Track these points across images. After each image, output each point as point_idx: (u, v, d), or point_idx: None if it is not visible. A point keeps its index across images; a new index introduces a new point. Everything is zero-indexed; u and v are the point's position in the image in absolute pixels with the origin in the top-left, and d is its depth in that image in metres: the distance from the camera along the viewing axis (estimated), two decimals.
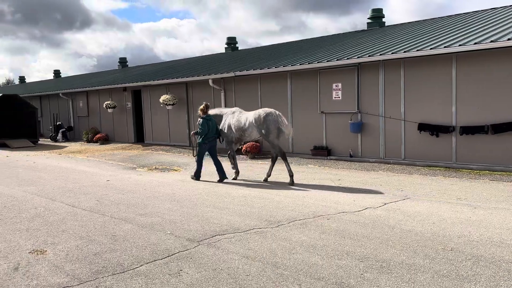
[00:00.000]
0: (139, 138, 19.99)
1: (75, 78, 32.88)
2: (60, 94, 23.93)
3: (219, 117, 10.35)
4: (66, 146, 20.13)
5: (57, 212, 7.07)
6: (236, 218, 6.54)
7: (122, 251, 5.06)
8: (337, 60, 12.13)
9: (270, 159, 10.01)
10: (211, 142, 10.26)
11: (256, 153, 13.85)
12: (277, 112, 9.60)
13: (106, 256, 4.92)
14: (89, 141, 21.15)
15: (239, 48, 25.06)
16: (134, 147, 18.30)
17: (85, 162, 14.00)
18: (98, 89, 21.42)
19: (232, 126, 10.15)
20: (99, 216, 6.74)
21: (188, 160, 14.12)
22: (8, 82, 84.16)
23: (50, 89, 27.31)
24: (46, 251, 5.13)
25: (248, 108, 15.00)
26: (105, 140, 20.54)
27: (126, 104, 20.16)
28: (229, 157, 10.44)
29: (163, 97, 16.93)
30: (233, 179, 10.09)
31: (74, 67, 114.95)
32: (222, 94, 15.57)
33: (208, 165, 11.49)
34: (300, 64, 12.92)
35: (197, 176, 10.27)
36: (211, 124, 10.19)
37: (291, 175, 9.40)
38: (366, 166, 11.49)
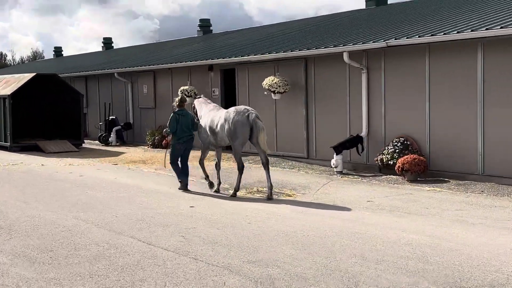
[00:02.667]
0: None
1: (135, 50, 35.17)
2: (115, 74, 25.78)
3: (204, 112, 13.03)
4: (123, 153, 21.57)
5: (127, 251, 7.62)
6: (404, 278, 6.47)
7: None
8: None
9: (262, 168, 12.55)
10: (186, 143, 12.86)
11: (420, 172, 13.59)
12: (253, 113, 11.93)
13: None
14: (155, 145, 22.40)
15: (388, 3, 24.88)
16: (223, 157, 18.80)
17: (154, 177, 14.87)
18: (170, 67, 22.69)
19: (207, 127, 12.66)
20: (190, 261, 7.11)
21: (308, 179, 14.30)
22: (35, 56, 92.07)
23: (99, 66, 29.54)
24: None
25: (405, 100, 14.80)
26: None
27: (212, 91, 21.02)
28: (200, 164, 13.19)
29: (268, 81, 17.37)
30: (215, 191, 12.78)
31: (127, 33, 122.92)
32: (364, 75, 15.54)
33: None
34: (501, 28, 12.42)
35: (183, 185, 12.83)
36: (184, 121, 12.67)
37: (236, 190, 12.25)
38: None
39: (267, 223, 9.32)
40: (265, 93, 17.63)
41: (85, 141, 24.97)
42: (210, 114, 12.86)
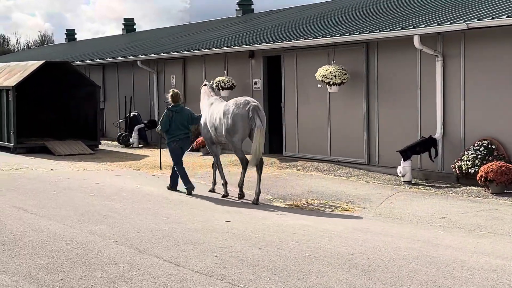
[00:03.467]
0: (274, 145, 20.77)
1: (162, 34, 35.54)
2: (138, 62, 26.15)
3: (205, 105, 14.49)
4: (147, 156, 21.81)
5: (152, 273, 7.69)
6: None
7: None
8: None
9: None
10: (182, 141, 14.18)
11: (507, 183, 13.42)
12: (254, 104, 13.09)
13: None
14: None
15: None
16: (265, 162, 18.84)
17: (182, 186, 14.98)
18: (203, 54, 22.89)
19: (208, 122, 14.05)
20: (226, 287, 7.16)
21: (368, 190, 14.25)
22: (44, 40, 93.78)
23: (119, 53, 29.92)
24: None
25: (490, 94, 14.64)
26: None
27: (254, 83, 21.15)
28: (212, 167, 14.61)
29: (323, 71, 17.36)
30: (210, 190, 14.34)
31: (151, 13, 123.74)
32: (439, 63, 15.43)
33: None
34: None
35: (172, 183, 14.44)
36: (179, 118, 14.00)
37: (240, 186, 13.49)
38: None
39: (319, 243, 9.28)
40: (319, 85, 17.64)
41: (101, 141, 25.35)
42: (211, 108, 14.14)
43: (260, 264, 8.08)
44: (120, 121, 27.10)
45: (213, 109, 13.98)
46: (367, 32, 16.77)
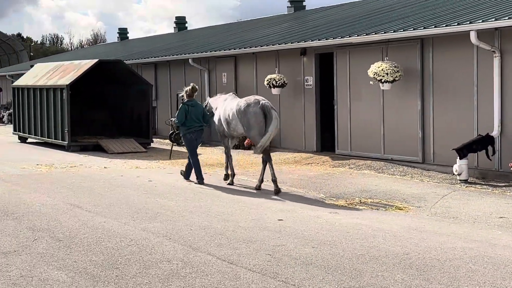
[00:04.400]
0: (326, 143, 20.72)
1: (213, 32, 35.84)
2: (189, 60, 26.36)
3: (219, 102, 15.67)
4: (198, 154, 21.92)
5: (205, 271, 7.78)
6: None
7: None
8: None
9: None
10: (196, 133, 15.49)
11: None
12: (265, 102, 14.21)
13: None
14: (236, 145, 22.67)
15: None
16: (317, 160, 19.05)
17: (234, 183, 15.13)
18: (254, 52, 22.97)
19: (222, 117, 15.17)
20: (279, 285, 7.18)
21: (423, 189, 14.15)
22: (96, 39, 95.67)
23: (171, 51, 30.23)
24: None
25: None
26: None
27: (305, 80, 21.12)
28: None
29: (374, 68, 17.28)
30: (228, 183, 15.16)
31: (203, 11, 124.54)
32: (496, 59, 15.21)
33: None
34: None
35: (186, 173, 15.77)
36: (194, 111, 15.32)
37: (274, 180, 13.96)
38: None
39: (373, 242, 9.29)
40: (371, 82, 17.56)
41: (153, 140, 25.70)
42: (224, 103, 15.33)
43: (313, 263, 8.13)
44: (172, 119, 27.21)
45: (226, 105, 15.13)
46: (422, 28, 16.61)
